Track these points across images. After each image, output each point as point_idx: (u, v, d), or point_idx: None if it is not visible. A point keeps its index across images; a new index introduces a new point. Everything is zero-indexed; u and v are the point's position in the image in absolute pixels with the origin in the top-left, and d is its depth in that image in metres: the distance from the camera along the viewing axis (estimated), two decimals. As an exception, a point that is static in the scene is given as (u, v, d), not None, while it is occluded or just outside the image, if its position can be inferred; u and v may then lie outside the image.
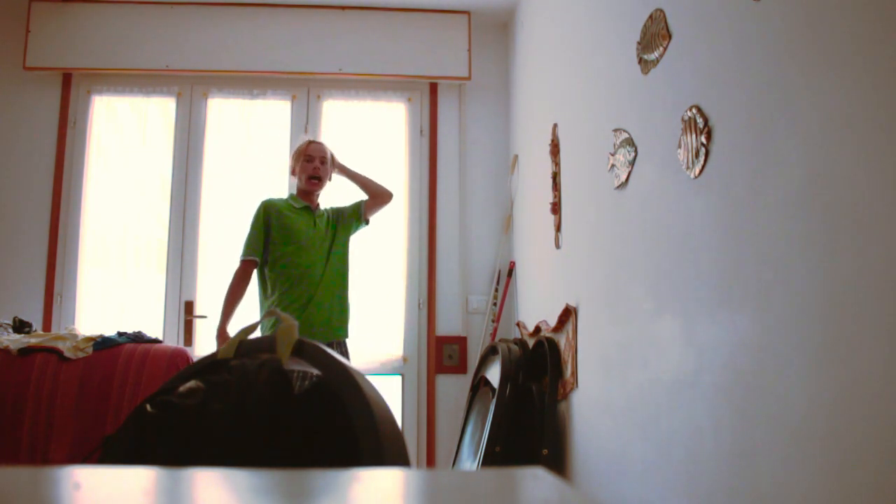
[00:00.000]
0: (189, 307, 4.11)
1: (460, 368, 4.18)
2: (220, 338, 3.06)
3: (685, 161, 1.92)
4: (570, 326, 2.94)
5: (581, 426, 2.81)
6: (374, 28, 4.29)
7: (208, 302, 4.12)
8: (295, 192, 3.45)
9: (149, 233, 4.24)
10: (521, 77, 4.16)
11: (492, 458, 2.94)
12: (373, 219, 3.50)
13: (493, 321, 4.16)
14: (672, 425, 1.98)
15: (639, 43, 2.27)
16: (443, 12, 4.33)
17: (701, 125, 1.83)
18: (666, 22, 2.09)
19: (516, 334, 3.98)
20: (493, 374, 3.26)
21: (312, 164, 3.29)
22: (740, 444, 1.63)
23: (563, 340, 3.03)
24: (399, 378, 4.19)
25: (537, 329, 3.44)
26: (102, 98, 4.27)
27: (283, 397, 0.94)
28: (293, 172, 3.39)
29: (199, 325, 4.11)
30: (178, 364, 2.83)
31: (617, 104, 2.50)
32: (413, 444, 4.10)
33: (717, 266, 1.76)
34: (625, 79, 2.40)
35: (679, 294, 1.95)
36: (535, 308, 3.66)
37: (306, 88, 4.36)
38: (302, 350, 1.01)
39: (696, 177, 1.86)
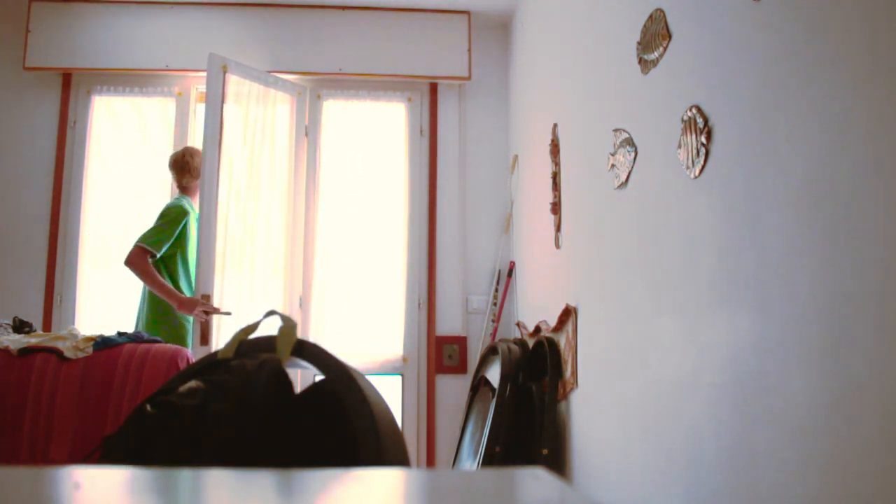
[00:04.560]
0: (189, 307, 4.11)
1: (460, 368, 4.18)
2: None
3: (685, 161, 1.92)
4: (570, 326, 2.93)
5: (581, 426, 2.80)
6: (374, 28, 4.29)
7: (208, 302, 4.12)
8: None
9: (149, 233, 4.24)
10: (520, 77, 4.16)
11: (492, 458, 2.93)
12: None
13: (493, 321, 4.16)
14: (672, 425, 1.98)
15: (639, 43, 2.27)
16: (443, 12, 4.33)
17: (701, 125, 1.83)
18: (666, 22, 2.09)
19: (516, 334, 3.98)
20: (493, 374, 3.26)
21: None
22: (740, 444, 1.63)
23: (563, 340, 3.03)
24: (399, 378, 4.19)
25: (537, 329, 3.44)
26: (102, 98, 4.27)
27: (283, 397, 0.94)
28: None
29: (199, 325, 4.10)
30: (178, 364, 2.82)
31: (617, 104, 2.50)
32: (413, 444, 4.10)
33: (717, 266, 1.76)
34: (625, 79, 2.40)
35: (679, 294, 1.95)
36: (535, 308, 3.66)
37: (306, 88, 4.36)
38: (302, 350, 1.01)
39: (696, 177, 1.86)
